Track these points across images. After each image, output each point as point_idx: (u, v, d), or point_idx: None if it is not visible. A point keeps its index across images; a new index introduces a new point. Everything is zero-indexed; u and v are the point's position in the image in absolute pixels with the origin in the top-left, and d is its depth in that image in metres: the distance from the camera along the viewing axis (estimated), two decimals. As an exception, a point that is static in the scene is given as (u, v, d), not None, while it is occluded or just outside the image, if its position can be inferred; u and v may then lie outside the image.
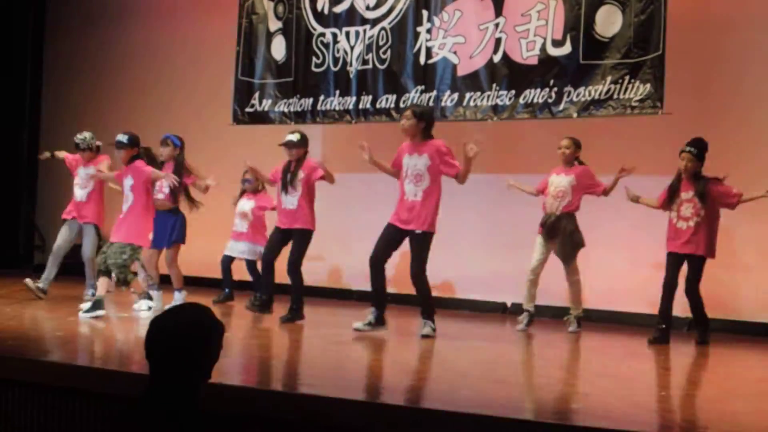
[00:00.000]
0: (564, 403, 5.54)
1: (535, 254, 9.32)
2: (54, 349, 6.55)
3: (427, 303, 8.48)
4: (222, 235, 11.09)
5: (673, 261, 8.74)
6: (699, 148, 8.67)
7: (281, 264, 9.32)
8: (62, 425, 5.56)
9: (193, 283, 10.68)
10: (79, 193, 10.72)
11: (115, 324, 8.59)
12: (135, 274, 9.49)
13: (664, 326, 8.67)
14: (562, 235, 9.17)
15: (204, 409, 3.40)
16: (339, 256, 11.79)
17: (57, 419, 5.57)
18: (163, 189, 9.38)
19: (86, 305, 8.87)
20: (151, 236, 9.34)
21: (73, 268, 11.08)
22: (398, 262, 9.60)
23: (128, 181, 9.16)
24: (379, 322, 8.49)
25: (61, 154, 11.10)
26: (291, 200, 9.22)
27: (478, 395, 5.46)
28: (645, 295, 9.60)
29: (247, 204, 10.81)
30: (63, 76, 14.55)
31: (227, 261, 10.92)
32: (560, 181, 9.28)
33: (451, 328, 8.63)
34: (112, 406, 5.30)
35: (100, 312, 8.71)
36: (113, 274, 9.09)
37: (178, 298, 9.33)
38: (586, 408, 5.38)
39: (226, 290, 10.81)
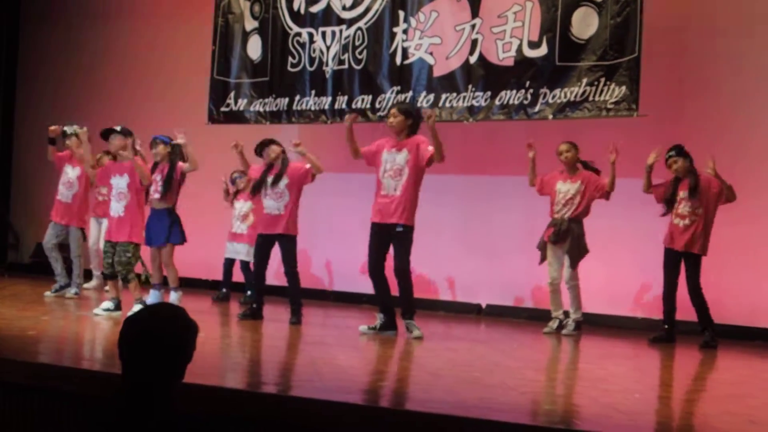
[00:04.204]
0: (536, 405, 5.55)
1: (550, 268, 9.29)
2: (26, 348, 6.49)
3: (409, 301, 8.43)
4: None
5: (672, 259, 8.88)
6: (678, 148, 8.88)
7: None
8: (35, 426, 5.52)
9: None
10: (66, 193, 10.50)
11: (89, 324, 8.54)
12: (138, 275, 9.36)
13: (667, 326, 8.88)
14: (571, 239, 9.19)
15: (177, 410, 3.39)
16: (315, 256, 11.77)
17: (30, 420, 5.53)
18: (158, 189, 9.27)
19: (107, 304, 8.93)
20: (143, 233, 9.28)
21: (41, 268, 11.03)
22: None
23: (124, 180, 8.94)
24: (388, 326, 8.47)
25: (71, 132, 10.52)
26: (276, 205, 9.16)
27: (451, 396, 5.46)
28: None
29: (245, 206, 10.72)
30: (38, 75, 14.47)
31: (229, 264, 11.03)
32: (568, 188, 9.27)
33: (425, 328, 8.60)
34: (87, 406, 5.26)
35: (117, 312, 8.80)
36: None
37: (174, 297, 9.33)
38: (557, 409, 5.40)
39: (224, 290, 10.99)
